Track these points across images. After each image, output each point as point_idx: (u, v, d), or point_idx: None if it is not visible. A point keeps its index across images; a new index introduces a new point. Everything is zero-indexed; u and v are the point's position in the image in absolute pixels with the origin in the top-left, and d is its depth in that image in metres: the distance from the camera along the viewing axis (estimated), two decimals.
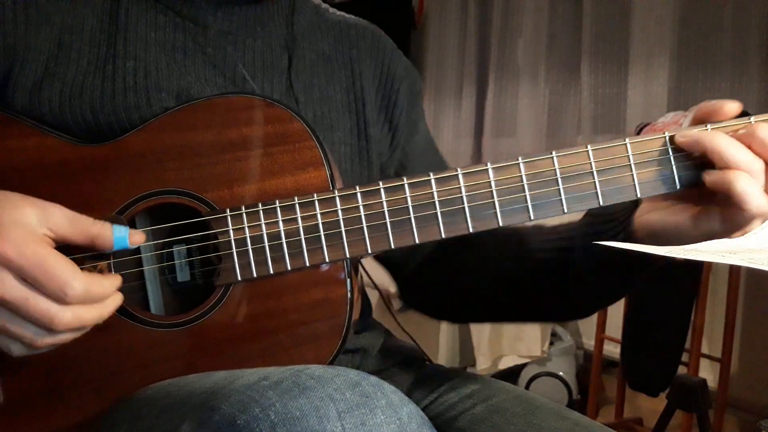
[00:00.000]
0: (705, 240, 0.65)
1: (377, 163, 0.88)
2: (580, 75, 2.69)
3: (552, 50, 2.84)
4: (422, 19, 3.46)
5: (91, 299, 0.60)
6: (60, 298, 0.58)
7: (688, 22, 2.37)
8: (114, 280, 0.63)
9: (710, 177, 0.65)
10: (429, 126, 0.99)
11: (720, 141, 0.65)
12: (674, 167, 0.68)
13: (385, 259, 0.93)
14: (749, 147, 0.65)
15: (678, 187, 0.68)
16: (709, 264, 2.02)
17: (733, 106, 0.68)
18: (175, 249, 0.71)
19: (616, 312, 2.34)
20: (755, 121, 0.67)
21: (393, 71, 0.91)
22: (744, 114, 0.68)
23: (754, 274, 2.12)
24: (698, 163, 0.68)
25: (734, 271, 2.09)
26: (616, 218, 0.73)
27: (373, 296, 0.96)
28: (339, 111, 0.86)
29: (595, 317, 2.40)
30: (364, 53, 0.90)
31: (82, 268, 0.60)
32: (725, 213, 0.66)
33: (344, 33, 0.91)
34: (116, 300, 0.63)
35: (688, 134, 0.67)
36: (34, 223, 0.59)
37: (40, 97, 0.72)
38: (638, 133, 2.15)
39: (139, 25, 0.77)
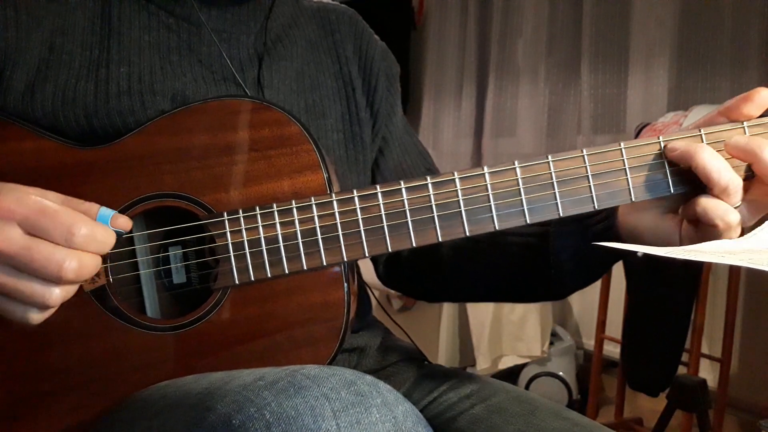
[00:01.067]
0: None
1: (370, 147, 0.89)
2: (580, 75, 2.69)
3: (552, 50, 2.84)
4: (422, 19, 3.46)
5: (97, 243, 0.59)
6: (68, 240, 0.57)
7: (688, 22, 2.37)
8: (112, 232, 0.62)
9: (700, 208, 0.65)
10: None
11: (706, 160, 0.65)
12: (668, 172, 0.68)
13: None
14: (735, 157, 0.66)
15: (672, 191, 0.68)
16: (709, 264, 2.02)
17: (765, 95, 0.67)
18: (171, 252, 0.71)
19: (616, 312, 2.34)
20: (748, 126, 0.68)
21: (371, 55, 0.92)
22: None
23: (754, 274, 2.12)
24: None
25: (734, 271, 2.09)
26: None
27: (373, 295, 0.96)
28: (330, 98, 0.86)
29: (594, 317, 2.40)
30: (344, 37, 0.91)
31: None
32: (704, 236, 0.66)
33: (325, 18, 0.91)
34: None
35: (677, 147, 0.67)
36: (33, 191, 0.60)
37: (33, 101, 0.72)
38: (638, 133, 2.15)
39: (132, 28, 0.77)
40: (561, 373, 2.60)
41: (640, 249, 0.62)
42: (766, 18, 2.17)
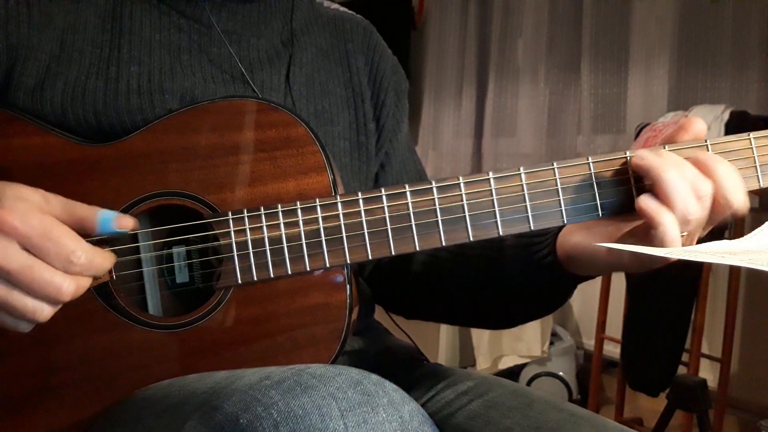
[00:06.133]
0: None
1: (374, 158, 0.89)
2: (580, 75, 2.70)
3: (552, 50, 2.84)
4: (422, 19, 3.46)
5: (94, 269, 0.60)
6: (66, 267, 0.58)
7: (688, 22, 2.37)
8: (111, 256, 0.63)
9: (644, 204, 0.64)
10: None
11: (670, 177, 0.63)
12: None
13: None
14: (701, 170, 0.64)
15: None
16: (709, 264, 2.02)
17: (699, 126, 0.68)
18: (174, 250, 0.71)
19: (616, 312, 2.34)
20: (754, 137, 0.68)
21: (382, 69, 0.92)
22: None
23: (754, 274, 2.12)
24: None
25: (734, 271, 2.09)
26: (548, 232, 0.74)
27: None
28: (339, 106, 0.86)
29: (594, 317, 2.40)
30: (357, 48, 0.91)
31: None
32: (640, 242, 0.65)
33: (339, 27, 0.91)
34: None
35: (644, 156, 0.66)
36: (37, 200, 0.60)
37: (42, 97, 0.72)
38: (638, 133, 2.15)
39: (143, 28, 0.77)
40: (561, 373, 2.60)
41: (641, 249, 0.62)
42: (766, 18, 2.18)
